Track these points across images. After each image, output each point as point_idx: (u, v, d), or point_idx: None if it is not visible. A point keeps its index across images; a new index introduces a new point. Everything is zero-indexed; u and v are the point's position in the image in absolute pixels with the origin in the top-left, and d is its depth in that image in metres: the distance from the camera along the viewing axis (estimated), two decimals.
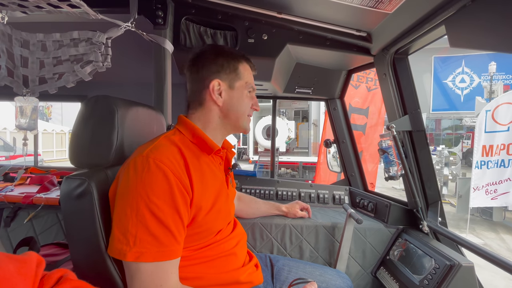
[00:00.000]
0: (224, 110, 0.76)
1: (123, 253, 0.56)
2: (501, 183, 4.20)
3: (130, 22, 1.06)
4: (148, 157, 0.60)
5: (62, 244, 1.08)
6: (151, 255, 0.56)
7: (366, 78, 3.80)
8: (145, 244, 0.56)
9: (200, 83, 0.75)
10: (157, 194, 0.57)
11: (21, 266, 0.38)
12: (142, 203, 0.57)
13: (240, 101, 0.77)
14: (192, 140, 0.72)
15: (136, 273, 0.56)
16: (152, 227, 0.56)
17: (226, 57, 0.76)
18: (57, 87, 1.12)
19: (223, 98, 0.74)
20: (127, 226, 0.56)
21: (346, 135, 1.68)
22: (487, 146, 4.21)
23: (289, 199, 1.59)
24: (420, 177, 1.19)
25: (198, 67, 0.75)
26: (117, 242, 0.57)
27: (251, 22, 1.23)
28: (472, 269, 0.92)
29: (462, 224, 4.80)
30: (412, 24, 0.92)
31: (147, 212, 0.56)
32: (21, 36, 1.12)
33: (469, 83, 14.55)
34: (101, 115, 0.68)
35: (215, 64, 0.74)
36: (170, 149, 0.64)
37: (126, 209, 0.57)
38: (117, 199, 0.60)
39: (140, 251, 0.55)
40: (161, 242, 0.57)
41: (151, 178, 0.58)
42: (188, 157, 0.65)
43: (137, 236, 0.56)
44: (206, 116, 0.75)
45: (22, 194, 1.41)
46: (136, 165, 0.60)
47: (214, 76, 0.74)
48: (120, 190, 0.60)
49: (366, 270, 1.27)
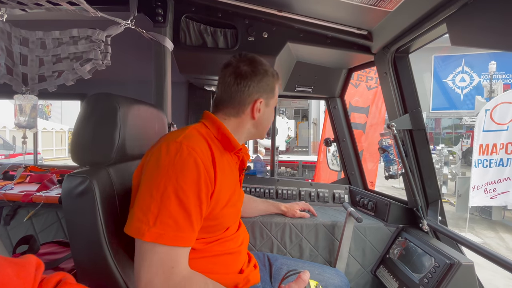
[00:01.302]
0: (257, 123, 0.81)
1: (141, 232, 0.55)
2: (500, 182, 4.22)
3: (130, 20, 1.05)
4: (182, 143, 0.61)
5: (62, 242, 1.08)
6: (168, 238, 0.56)
7: (366, 77, 3.80)
8: (165, 226, 0.56)
9: (244, 97, 0.77)
10: (185, 179, 0.58)
11: (20, 269, 0.38)
12: (170, 185, 0.57)
13: (270, 117, 0.84)
14: (216, 136, 0.74)
15: (149, 253, 0.56)
16: (174, 211, 0.57)
17: (271, 77, 0.80)
18: (57, 85, 1.11)
19: (260, 114, 0.79)
20: (150, 206, 0.57)
21: (346, 133, 1.68)
22: (483, 145, 4.23)
23: (289, 198, 1.59)
24: (420, 176, 1.19)
25: (245, 82, 0.76)
26: (136, 220, 0.57)
27: (251, 20, 1.23)
28: (472, 268, 0.92)
29: (462, 223, 4.81)
30: (413, 22, 0.91)
31: (173, 195, 0.57)
32: (20, 34, 1.11)
33: (469, 82, 14.54)
34: (103, 112, 0.68)
35: (262, 83, 0.78)
36: (200, 140, 0.66)
37: (152, 189, 0.58)
38: (143, 180, 0.60)
39: (158, 232, 0.55)
40: (180, 227, 0.57)
41: (183, 163, 0.59)
42: (214, 151, 0.67)
43: (158, 217, 0.56)
44: (239, 124, 0.79)
45: (21, 193, 1.41)
46: (169, 149, 0.61)
47: (259, 95, 0.78)
48: (148, 171, 0.61)
49: (366, 269, 1.27)
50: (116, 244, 0.66)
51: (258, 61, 0.79)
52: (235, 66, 0.77)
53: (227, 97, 0.77)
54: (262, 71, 0.78)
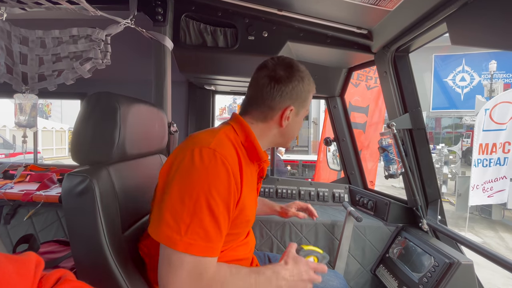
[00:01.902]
0: (284, 131, 0.77)
1: (173, 241, 0.55)
2: (497, 181, 4.24)
3: (130, 19, 1.05)
4: (216, 151, 0.60)
5: (62, 241, 1.08)
6: (199, 249, 0.55)
7: (366, 77, 3.79)
8: (195, 236, 0.55)
9: (275, 102, 0.73)
10: (218, 189, 0.58)
11: (20, 266, 0.38)
12: (202, 194, 0.56)
13: (298, 126, 0.80)
14: (243, 143, 0.72)
15: (179, 262, 0.55)
16: (206, 221, 0.56)
17: (306, 85, 0.75)
18: (57, 84, 1.11)
19: (288, 122, 0.76)
20: (182, 213, 0.56)
21: (346, 133, 1.68)
22: (483, 144, 4.23)
23: (288, 197, 1.59)
24: (420, 175, 1.19)
25: (278, 87, 0.72)
26: (167, 228, 0.56)
27: (251, 19, 1.22)
28: (471, 267, 0.92)
29: (461, 222, 4.81)
30: (413, 22, 0.91)
31: (205, 204, 0.56)
32: (20, 33, 1.11)
33: (469, 81, 14.51)
34: (103, 111, 0.68)
35: (295, 90, 0.73)
36: (230, 148, 0.65)
37: (184, 196, 0.57)
38: (174, 183, 0.59)
39: (189, 242, 0.55)
40: (210, 237, 0.57)
41: (217, 172, 0.58)
42: (242, 159, 0.66)
43: (190, 226, 0.55)
44: (265, 130, 0.76)
45: (22, 192, 1.41)
46: (202, 156, 0.59)
47: (290, 102, 0.73)
48: (180, 176, 0.59)
49: (366, 268, 1.28)
50: (116, 243, 0.66)
51: (296, 67, 0.75)
52: (271, 69, 0.73)
53: (258, 100, 0.74)
54: (298, 78, 0.74)
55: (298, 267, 0.68)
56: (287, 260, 0.69)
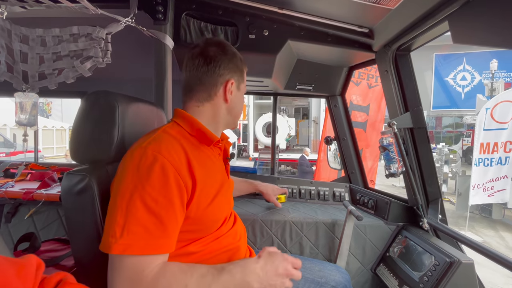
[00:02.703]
0: (230, 107, 0.78)
1: (108, 245, 0.53)
2: (498, 180, 4.24)
3: (130, 17, 1.05)
4: (147, 148, 0.59)
5: (63, 240, 1.08)
6: (138, 248, 0.53)
7: (368, 75, 3.79)
8: (133, 236, 0.53)
9: (215, 77, 0.74)
10: (152, 184, 0.55)
11: (21, 269, 0.38)
12: (136, 193, 0.55)
13: (241, 101, 0.83)
14: (191, 133, 0.71)
15: (119, 266, 0.53)
16: (142, 218, 0.54)
17: (239, 60, 0.79)
18: (57, 82, 1.11)
19: (232, 96, 0.77)
20: (116, 216, 0.54)
21: (347, 132, 1.67)
22: (484, 144, 4.23)
23: (289, 196, 1.59)
24: (421, 174, 1.19)
25: (215, 62, 0.73)
26: (105, 234, 0.55)
27: (252, 18, 1.22)
28: (472, 266, 0.92)
29: (461, 221, 4.81)
30: (415, 20, 0.91)
31: (139, 202, 0.54)
32: (20, 31, 1.11)
33: (470, 80, 14.49)
34: (102, 110, 0.68)
35: (232, 63, 0.76)
36: (170, 142, 0.63)
37: (117, 199, 0.56)
38: (111, 191, 0.59)
39: (127, 243, 0.52)
40: (151, 233, 0.54)
41: (147, 168, 0.56)
42: (189, 149, 0.65)
43: (125, 227, 0.53)
44: (214, 110, 0.76)
45: (22, 190, 1.41)
46: (133, 156, 0.59)
47: (230, 75, 0.76)
48: (115, 180, 0.60)
49: (366, 267, 1.28)
50: None
51: (226, 43, 0.79)
52: (203, 48, 0.75)
53: (197, 80, 0.74)
54: (231, 52, 0.77)
55: (272, 260, 0.65)
56: (260, 254, 0.67)
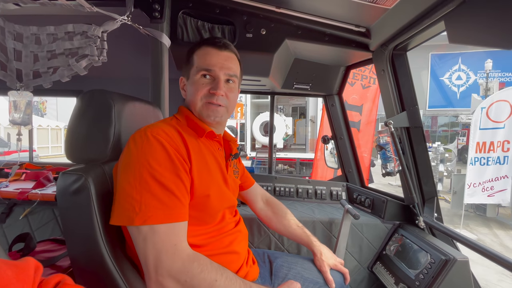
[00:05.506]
0: (187, 101, 0.81)
1: (131, 219, 0.57)
2: (497, 180, 4.24)
3: (126, 15, 1.04)
4: (146, 131, 0.64)
5: (59, 240, 1.07)
6: (158, 218, 0.58)
7: (361, 76, 3.80)
8: (151, 208, 0.58)
9: None
10: (157, 161, 0.61)
11: (19, 272, 0.38)
12: (144, 170, 0.60)
13: (192, 88, 0.77)
14: (188, 125, 0.76)
15: (149, 234, 0.58)
16: (156, 192, 0.59)
17: (188, 51, 0.82)
18: (52, 81, 1.10)
19: (186, 91, 0.81)
20: (132, 193, 0.59)
21: (344, 131, 1.68)
22: (480, 143, 4.25)
23: (286, 195, 1.59)
24: (417, 173, 1.20)
25: None
26: (123, 210, 0.59)
27: (250, 17, 1.22)
28: (467, 264, 0.93)
29: (456, 219, 4.87)
30: (411, 20, 0.91)
31: (150, 178, 0.59)
32: (14, 29, 1.09)
33: (465, 80, 14.62)
34: (98, 109, 0.67)
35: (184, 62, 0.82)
36: (166, 127, 0.68)
37: (129, 178, 0.60)
38: (119, 173, 0.63)
39: (147, 214, 0.57)
40: (167, 205, 0.60)
41: (150, 147, 0.62)
42: (186, 137, 0.69)
43: (142, 202, 0.58)
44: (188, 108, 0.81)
45: (17, 190, 1.40)
46: (135, 139, 0.63)
47: (182, 74, 0.82)
48: (122, 164, 0.63)
49: (363, 265, 1.29)
50: (112, 240, 0.65)
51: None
52: None
53: None
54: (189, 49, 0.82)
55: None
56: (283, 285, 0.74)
